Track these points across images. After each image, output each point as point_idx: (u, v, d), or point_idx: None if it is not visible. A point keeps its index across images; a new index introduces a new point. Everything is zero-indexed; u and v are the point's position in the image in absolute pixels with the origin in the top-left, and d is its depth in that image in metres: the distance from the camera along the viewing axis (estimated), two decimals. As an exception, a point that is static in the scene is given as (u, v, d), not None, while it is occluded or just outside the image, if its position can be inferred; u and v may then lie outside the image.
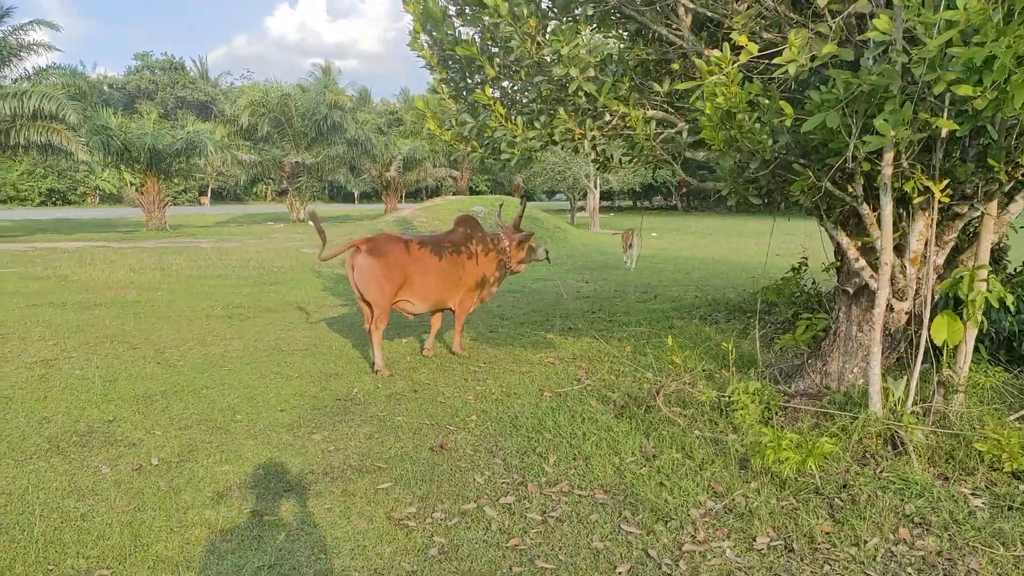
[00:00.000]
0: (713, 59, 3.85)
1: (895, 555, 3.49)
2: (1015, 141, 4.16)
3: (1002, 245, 7.10)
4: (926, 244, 4.81)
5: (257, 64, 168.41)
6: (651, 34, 5.37)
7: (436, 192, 54.92)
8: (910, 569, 3.38)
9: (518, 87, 5.35)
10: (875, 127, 3.70)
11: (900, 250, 4.87)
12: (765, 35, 4.50)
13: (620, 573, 3.41)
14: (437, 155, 45.93)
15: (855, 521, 3.74)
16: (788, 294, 8.15)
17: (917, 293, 5.02)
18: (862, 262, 4.88)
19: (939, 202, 4.47)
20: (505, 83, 5.35)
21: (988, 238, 4.89)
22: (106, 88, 72.64)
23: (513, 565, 3.48)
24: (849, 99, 3.79)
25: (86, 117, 27.93)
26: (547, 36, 4.57)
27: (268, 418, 5.58)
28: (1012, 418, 4.68)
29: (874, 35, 3.49)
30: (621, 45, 5.61)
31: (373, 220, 28.49)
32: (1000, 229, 5.18)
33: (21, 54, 26.19)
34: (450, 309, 7.56)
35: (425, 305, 7.22)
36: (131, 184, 32.55)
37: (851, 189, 4.60)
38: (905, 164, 4.30)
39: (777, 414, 5.11)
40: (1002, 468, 4.17)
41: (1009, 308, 5.03)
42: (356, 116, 46.55)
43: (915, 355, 4.72)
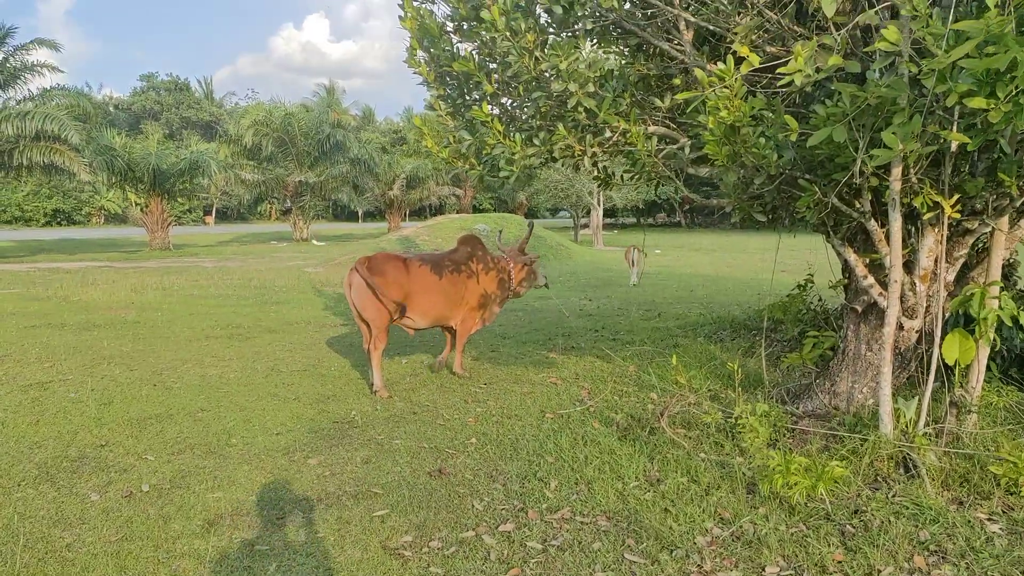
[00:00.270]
0: (716, 71, 3.75)
1: (911, 585, 3.35)
2: (1028, 154, 4.05)
3: (1012, 261, 6.97)
4: (936, 261, 4.69)
5: (261, 84, 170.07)
6: (652, 49, 5.29)
7: (440, 210, 54.96)
8: (927, 601, 3.24)
9: (516, 103, 5.26)
10: (883, 141, 3.59)
11: (909, 267, 4.75)
12: (768, 48, 4.41)
13: (624, 606, 3.27)
14: (440, 173, 46.01)
15: (868, 549, 3.59)
16: (794, 311, 8.02)
17: (927, 311, 4.89)
18: (871, 279, 4.76)
19: (949, 218, 4.35)
20: (503, 99, 5.25)
21: (999, 254, 4.78)
22: (112, 109, 73.12)
23: (512, 597, 3.35)
24: (856, 113, 3.68)
25: (90, 138, 28.01)
26: (545, 51, 4.48)
27: (264, 442, 5.46)
28: (1028, 439, 4.54)
29: (882, 46, 3.39)
30: (622, 60, 5.53)
31: (376, 239, 28.46)
32: (1011, 245, 5.07)
33: (25, 75, 26.27)
34: (451, 328, 7.46)
35: (425, 321, 7.13)
36: (135, 204, 32.59)
37: (858, 205, 4.49)
38: (914, 179, 4.20)
39: (785, 436, 4.98)
40: (1019, 492, 4.03)
41: (1022, 325, 4.89)
42: (359, 135, 46.78)
43: (926, 374, 4.59)
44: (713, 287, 16.17)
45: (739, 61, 3.82)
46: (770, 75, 4.24)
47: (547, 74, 4.61)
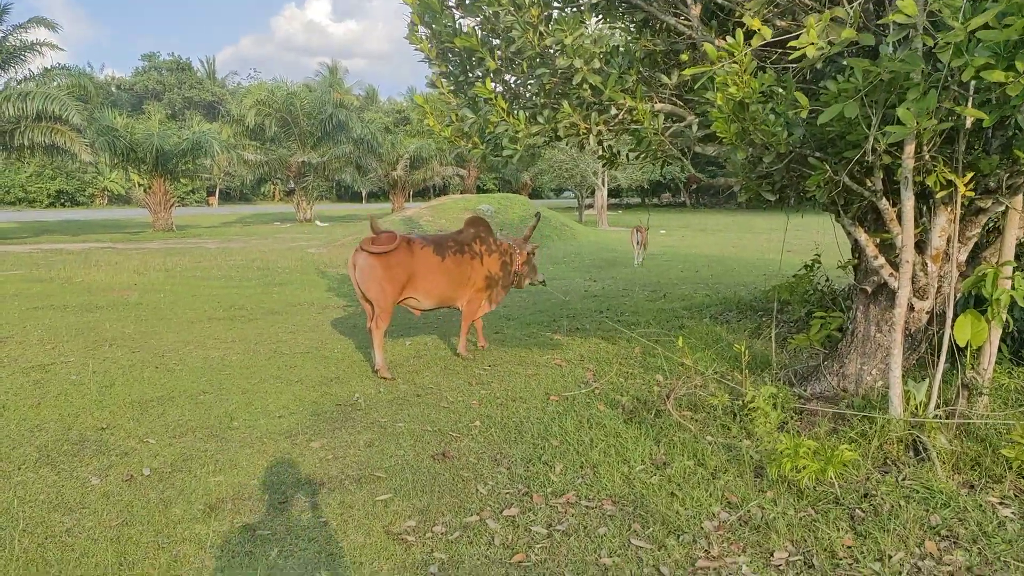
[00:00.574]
0: (725, 46, 3.64)
1: (922, 571, 3.28)
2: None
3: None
4: (948, 240, 4.60)
5: (264, 64, 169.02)
6: (658, 24, 5.18)
7: (443, 190, 54.73)
8: (939, 587, 3.18)
9: (520, 80, 5.16)
10: (897, 117, 3.49)
11: (921, 247, 4.66)
12: (778, 23, 4.30)
13: (630, 592, 3.22)
14: (444, 153, 45.80)
15: (878, 534, 3.54)
16: (801, 292, 7.94)
17: (938, 291, 4.81)
18: (881, 260, 4.67)
19: (963, 196, 4.25)
20: (507, 76, 5.15)
21: (1013, 233, 4.68)
22: (114, 89, 72.73)
23: (517, 583, 3.30)
24: (868, 88, 3.58)
25: (92, 118, 27.86)
26: (550, 26, 4.37)
27: (266, 425, 5.41)
28: (1041, 422, 4.46)
29: (897, 18, 3.28)
30: (627, 36, 5.42)
31: (380, 219, 28.34)
32: (1025, 224, 4.97)
33: (24, 55, 26.09)
34: (457, 308, 7.43)
35: (431, 301, 7.11)
36: (139, 185, 32.45)
37: (870, 184, 4.39)
38: (927, 157, 4.10)
39: (793, 418, 4.91)
40: (1032, 476, 3.97)
41: (1035, 306, 4.81)
42: (362, 115, 46.52)
43: (937, 356, 4.51)
44: (718, 267, 16.07)
45: (749, 35, 3.71)
46: (780, 50, 4.14)
47: (551, 50, 4.50)
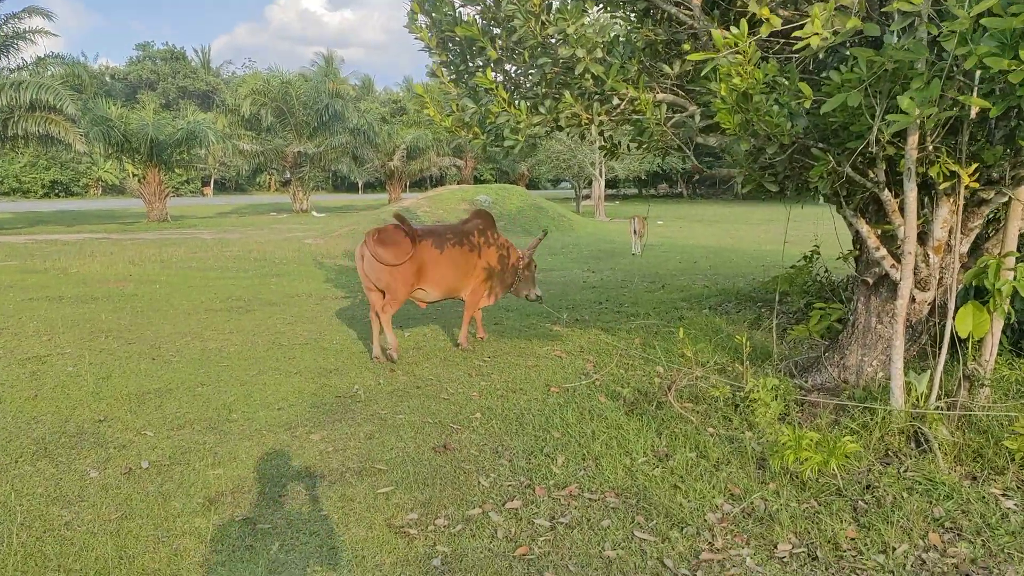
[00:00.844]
0: (730, 35, 3.61)
1: (926, 563, 3.28)
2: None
3: (1024, 232, 6.85)
4: (950, 232, 4.58)
5: (259, 53, 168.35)
6: (660, 14, 5.13)
7: (440, 181, 54.55)
8: (943, 579, 3.17)
9: (521, 70, 5.12)
10: (900, 106, 3.47)
11: (923, 238, 4.64)
12: (782, 12, 4.26)
13: (634, 585, 3.21)
14: (441, 144, 45.62)
15: (882, 526, 3.53)
16: (800, 283, 7.94)
17: (940, 283, 4.79)
18: (883, 251, 4.65)
19: (965, 187, 4.23)
20: (508, 66, 5.11)
21: (1015, 224, 4.66)
22: (108, 79, 72.41)
23: (520, 576, 3.29)
24: (872, 78, 3.55)
25: (86, 108, 27.67)
26: (552, 15, 4.33)
27: (265, 417, 5.38)
28: (1043, 413, 4.45)
29: (902, 6, 3.25)
30: (627, 26, 5.37)
31: (377, 210, 28.28)
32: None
33: (17, 43, 25.89)
34: (461, 299, 7.45)
35: (438, 292, 7.15)
36: (133, 175, 32.27)
37: (872, 174, 4.37)
38: (930, 147, 4.07)
39: (794, 410, 4.90)
40: (1034, 467, 3.96)
41: (1037, 297, 4.79)
42: (359, 105, 46.30)
43: (939, 347, 4.49)
44: (716, 259, 16.05)
45: (753, 25, 3.68)
46: (783, 40, 4.10)
47: (553, 39, 4.46)
